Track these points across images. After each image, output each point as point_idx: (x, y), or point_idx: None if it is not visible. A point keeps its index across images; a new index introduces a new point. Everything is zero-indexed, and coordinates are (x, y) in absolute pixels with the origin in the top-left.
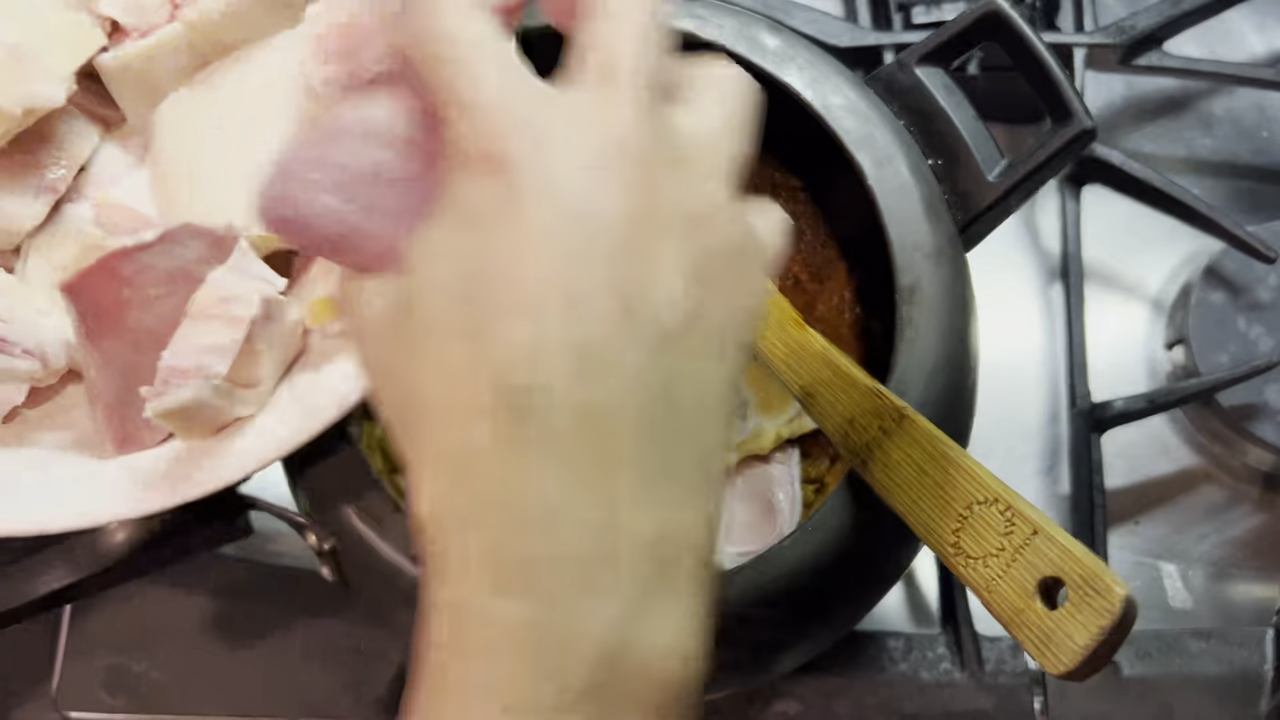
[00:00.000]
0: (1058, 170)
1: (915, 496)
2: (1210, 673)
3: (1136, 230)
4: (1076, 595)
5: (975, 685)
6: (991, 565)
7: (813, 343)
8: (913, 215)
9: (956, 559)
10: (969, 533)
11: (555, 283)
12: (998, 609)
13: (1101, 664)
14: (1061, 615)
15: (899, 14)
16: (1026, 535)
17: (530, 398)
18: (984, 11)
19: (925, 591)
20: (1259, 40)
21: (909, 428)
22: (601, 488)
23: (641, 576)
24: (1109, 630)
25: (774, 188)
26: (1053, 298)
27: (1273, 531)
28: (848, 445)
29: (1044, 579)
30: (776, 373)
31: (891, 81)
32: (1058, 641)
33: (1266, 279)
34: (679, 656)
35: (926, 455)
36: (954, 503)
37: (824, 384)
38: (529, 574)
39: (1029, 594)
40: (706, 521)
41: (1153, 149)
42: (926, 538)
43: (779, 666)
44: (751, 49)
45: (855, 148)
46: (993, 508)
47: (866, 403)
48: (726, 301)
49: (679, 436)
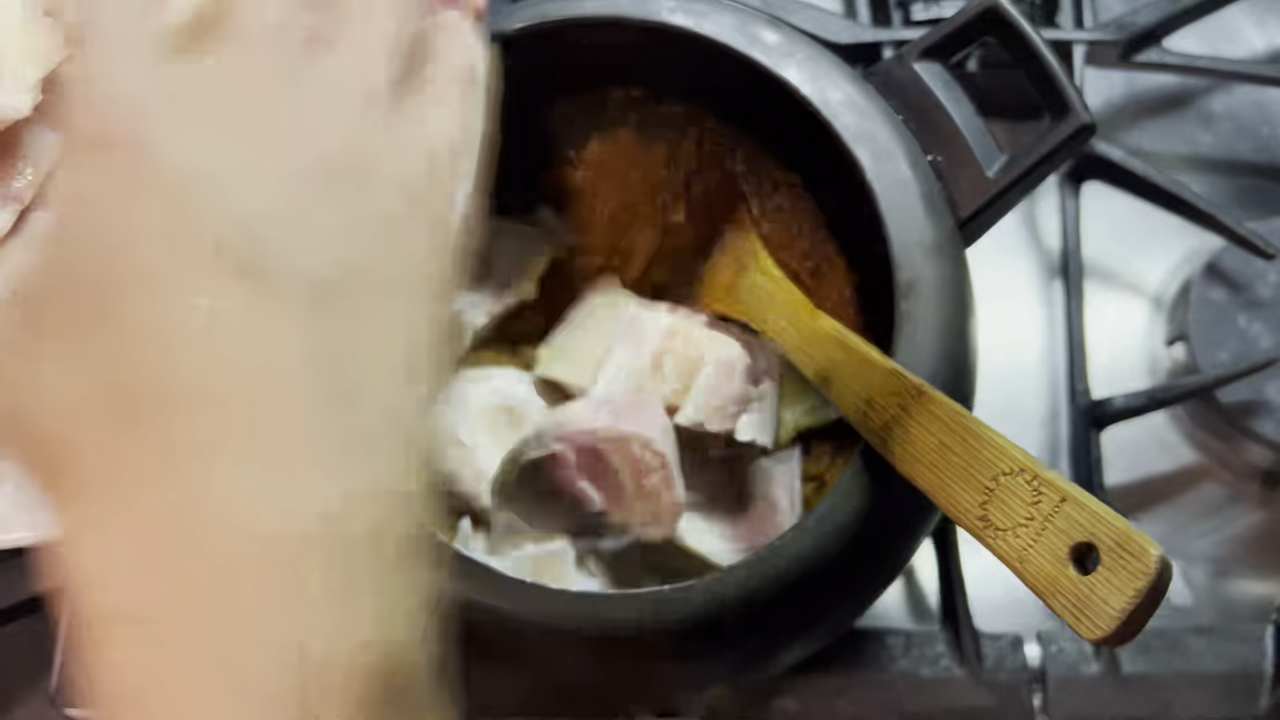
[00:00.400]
0: (1057, 166)
1: (939, 472)
2: (1210, 669)
3: (1137, 227)
4: (1110, 559)
5: (975, 682)
6: (1021, 535)
7: (826, 326)
8: (912, 211)
9: (986, 532)
10: (996, 505)
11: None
12: (1031, 579)
13: (1138, 627)
14: (1096, 580)
15: (898, 10)
16: (1055, 503)
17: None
18: (983, 7)
19: (925, 588)
20: (1259, 36)
21: (928, 404)
22: (258, 477)
23: (314, 571)
24: (1145, 591)
25: (774, 184)
26: (1053, 294)
27: (1273, 529)
28: (868, 426)
29: (1076, 545)
30: (792, 359)
31: (890, 77)
32: (1094, 607)
33: (1267, 276)
34: (378, 649)
35: (948, 430)
36: (979, 475)
37: (840, 366)
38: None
39: (1062, 561)
40: (398, 494)
41: (1153, 146)
42: (953, 512)
43: (778, 663)
44: (751, 45)
45: (854, 143)
46: (1019, 478)
47: (884, 382)
48: (391, 246)
49: (349, 405)
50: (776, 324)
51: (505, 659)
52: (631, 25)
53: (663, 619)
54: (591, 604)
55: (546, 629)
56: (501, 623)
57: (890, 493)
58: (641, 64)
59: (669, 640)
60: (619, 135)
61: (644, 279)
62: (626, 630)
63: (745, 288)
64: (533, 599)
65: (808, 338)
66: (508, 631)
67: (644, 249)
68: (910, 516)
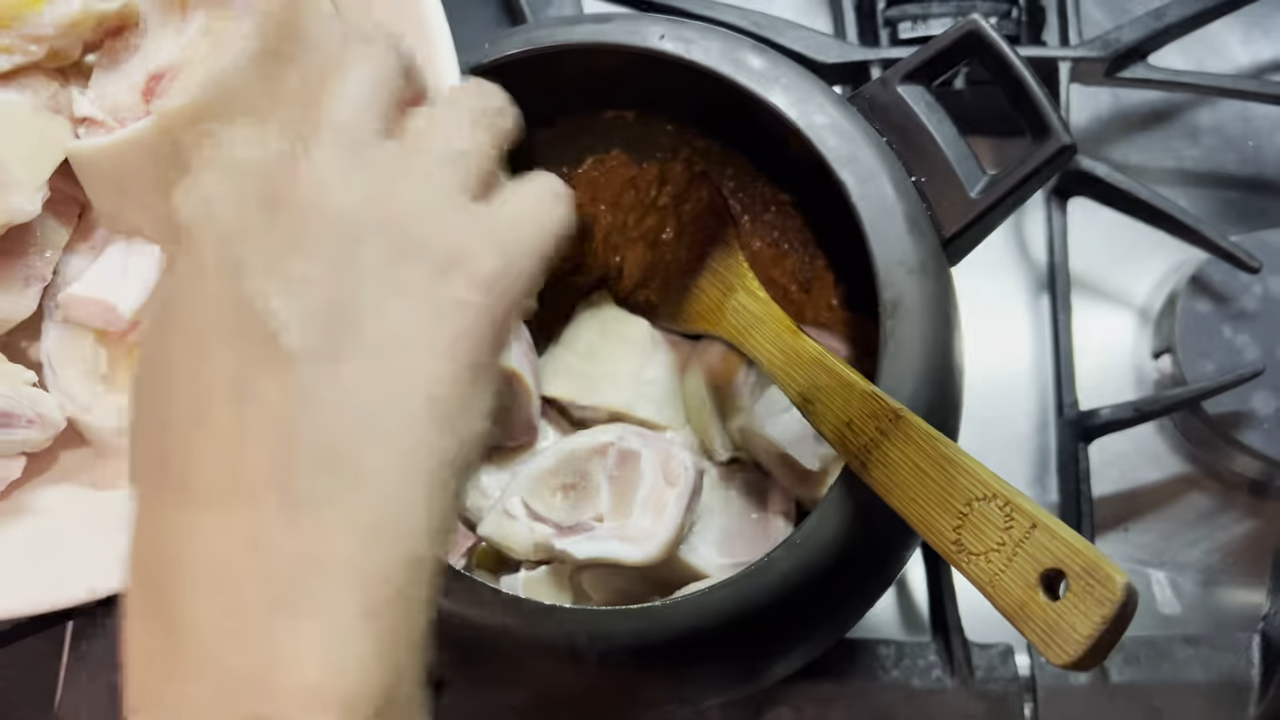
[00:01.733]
0: (1039, 186)
1: (915, 495)
2: (1198, 678)
3: (1123, 241)
4: (1078, 585)
5: (966, 692)
6: (993, 560)
7: (808, 348)
8: (896, 231)
9: (959, 555)
10: (970, 529)
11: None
12: (1002, 603)
13: (1104, 653)
14: (1064, 606)
15: (886, 30)
16: (1026, 529)
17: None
18: (965, 31)
19: (916, 599)
20: (1244, 51)
21: (905, 428)
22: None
23: (271, 598)
24: (1112, 618)
25: (764, 202)
26: (1040, 308)
27: (1260, 538)
28: (846, 448)
29: (1045, 571)
30: (774, 380)
31: (875, 100)
32: (1062, 632)
33: (1251, 288)
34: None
35: (924, 455)
36: (954, 500)
37: (821, 389)
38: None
39: (1031, 587)
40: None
41: (1139, 160)
42: (928, 535)
43: (771, 675)
44: (737, 70)
45: (839, 166)
46: (992, 504)
47: (863, 405)
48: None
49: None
50: (760, 345)
51: (498, 675)
52: (623, 52)
53: (655, 634)
54: (584, 619)
55: (539, 645)
56: (494, 639)
57: (880, 506)
58: (634, 87)
59: (661, 655)
60: (612, 156)
61: (635, 297)
62: (620, 645)
63: (731, 308)
64: (525, 615)
65: (790, 359)
66: (500, 647)
67: (634, 264)
68: (900, 530)
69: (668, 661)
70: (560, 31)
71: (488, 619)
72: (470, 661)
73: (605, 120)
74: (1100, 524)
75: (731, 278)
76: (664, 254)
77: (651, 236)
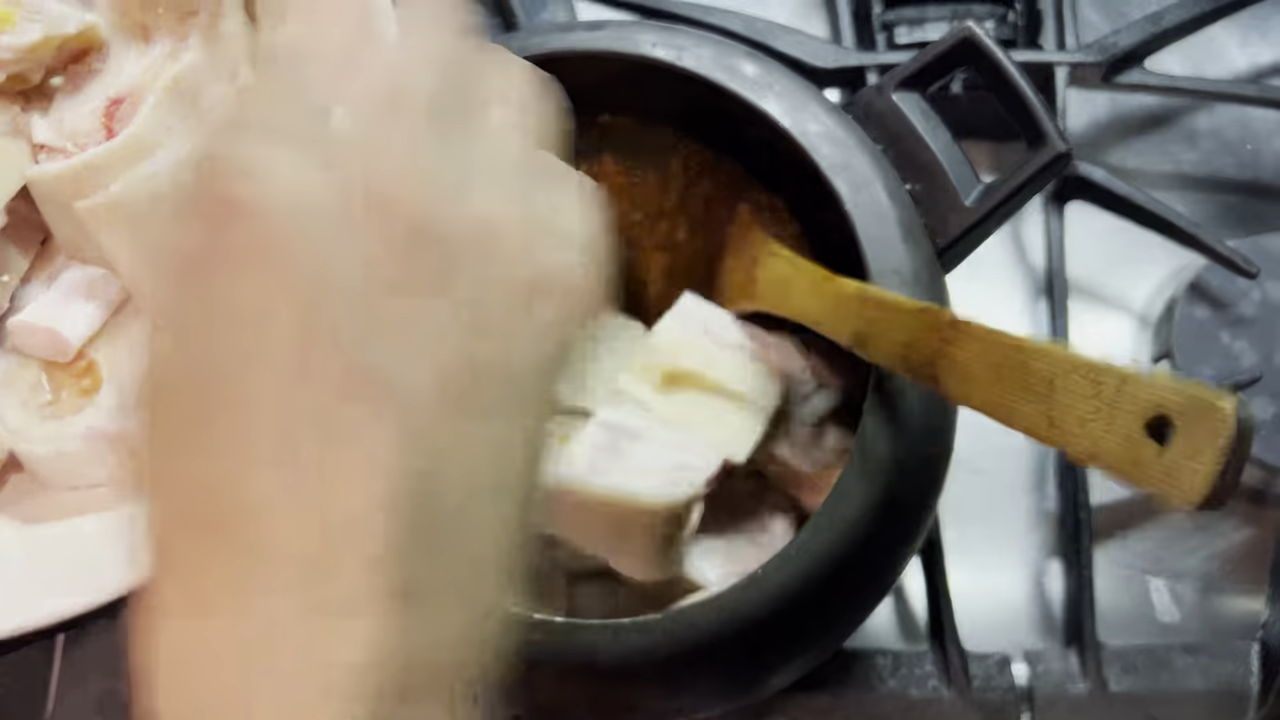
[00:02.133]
0: (1034, 193)
1: (995, 391)
2: (1197, 687)
3: (1120, 246)
4: (1184, 423)
5: (963, 702)
6: (1091, 429)
7: (848, 288)
8: (890, 240)
9: (1057, 436)
10: (1059, 407)
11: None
12: (1114, 466)
13: (1232, 486)
14: (1177, 448)
15: (882, 34)
16: (1115, 386)
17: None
18: (959, 38)
19: (913, 608)
20: (1242, 55)
21: (966, 330)
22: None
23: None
24: (1228, 445)
25: (759, 208)
26: (1038, 314)
27: (1259, 545)
28: (912, 368)
29: (1149, 421)
30: (823, 331)
31: (869, 107)
32: (1182, 474)
33: (1250, 294)
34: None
35: (993, 350)
36: (1035, 384)
37: (871, 322)
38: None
39: (1138, 441)
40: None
41: (1137, 165)
42: (1020, 427)
43: (768, 687)
44: (730, 77)
45: (833, 174)
46: (1073, 375)
47: (918, 322)
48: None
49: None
50: (800, 302)
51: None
52: (615, 59)
53: (651, 647)
54: (580, 632)
55: (534, 659)
56: None
57: (876, 515)
58: (626, 93)
59: (658, 668)
60: (604, 161)
61: (664, 304)
62: (615, 659)
63: (762, 279)
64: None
65: (833, 304)
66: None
67: (657, 273)
68: (896, 538)
69: (664, 675)
70: (552, 39)
71: None
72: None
73: (598, 126)
74: (1099, 532)
75: (754, 249)
76: (684, 254)
77: (668, 242)
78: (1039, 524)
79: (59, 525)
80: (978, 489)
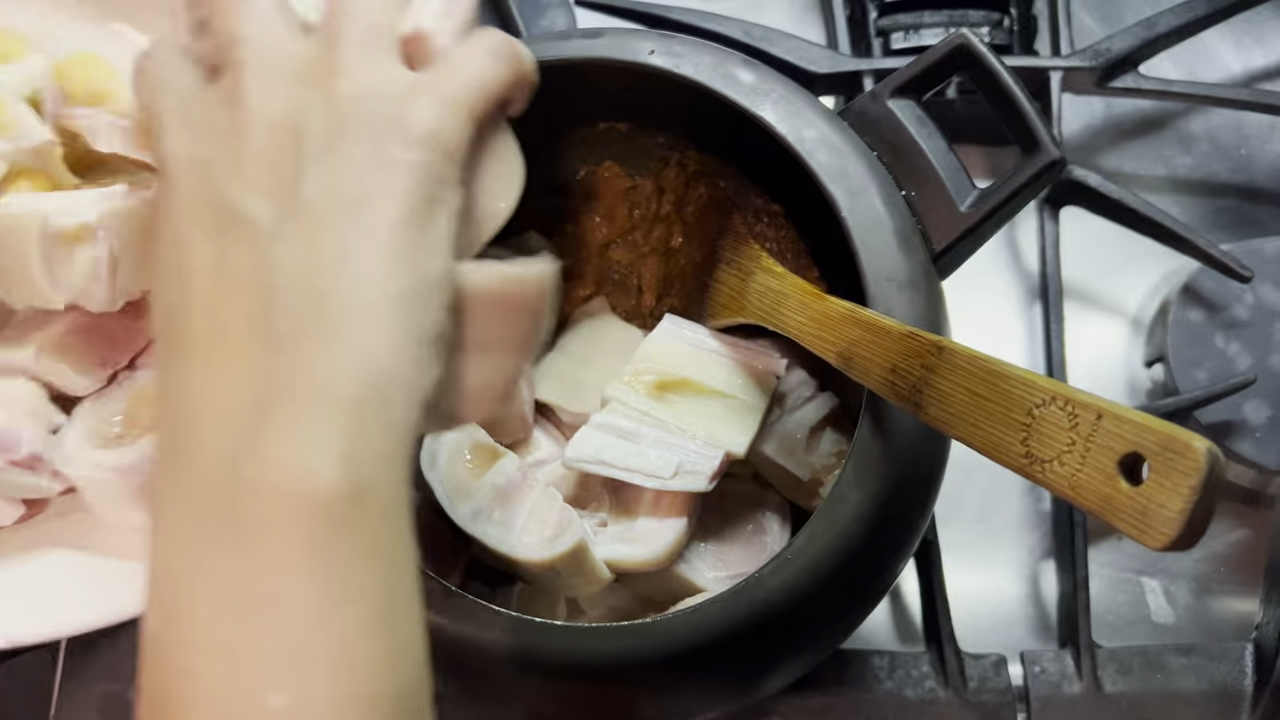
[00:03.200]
0: (1029, 200)
1: (975, 420)
2: (1191, 688)
3: (1115, 250)
4: (1158, 463)
5: (959, 703)
6: (1067, 462)
7: (835, 308)
8: (886, 246)
9: (1033, 467)
10: (1036, 437)
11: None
12: (1086, 502)
13: (1202, 527)
14: (1150, 488)
15: (878, 40)
16: (1092, 422)
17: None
18: (954, 45)
19: (909, 610)
20: (1235, 59)
21: (950, 357)
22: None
23: (251, 410)
24: (1200, 487)
25: (756, 213)
26: (1033, 317)
27: (1253, 547)
28: (896, 393)
29: (1122, 458)
30: (810, 347)
31: (865, 114)
32: (1153, 514)
33: (1243, 297)
34: (306, 473)
35: (974, 377)
36: (1014, 413)
37: (857, 343)
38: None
39: (1112, 477)
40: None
41: (1132, 169)
42: (998, 457)
43: (766, 688)
44: (727, 85)
45: (829, 180)
46: (1051, 406)
47: (903, 347)
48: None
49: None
50: (789, 318)
51: (492, 691)
52: (614, 66)
53: (650, 650)
54: (578, 636)
55: (533, 661)
56: (488, 655)
57: (872, 519)
58: (625, 100)
59: (656, 671)
60: (604, 167)
61: (659, 309)
62: (614, 661)
63: (753, 292)
64: (520, 631)
65: (821, 323)
66: (495, 663)
67: (651, 278)
68: (892, 541)
69: (662, 677)
70: (552, 47)
71: (482, 635)
72: (464, 677)
73: (597, 132)
74: (1094, 533)
75: (746, 262)
76: (678, 260)
77: (662, 247)
78: (1034, 525)
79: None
80: (973, 490)
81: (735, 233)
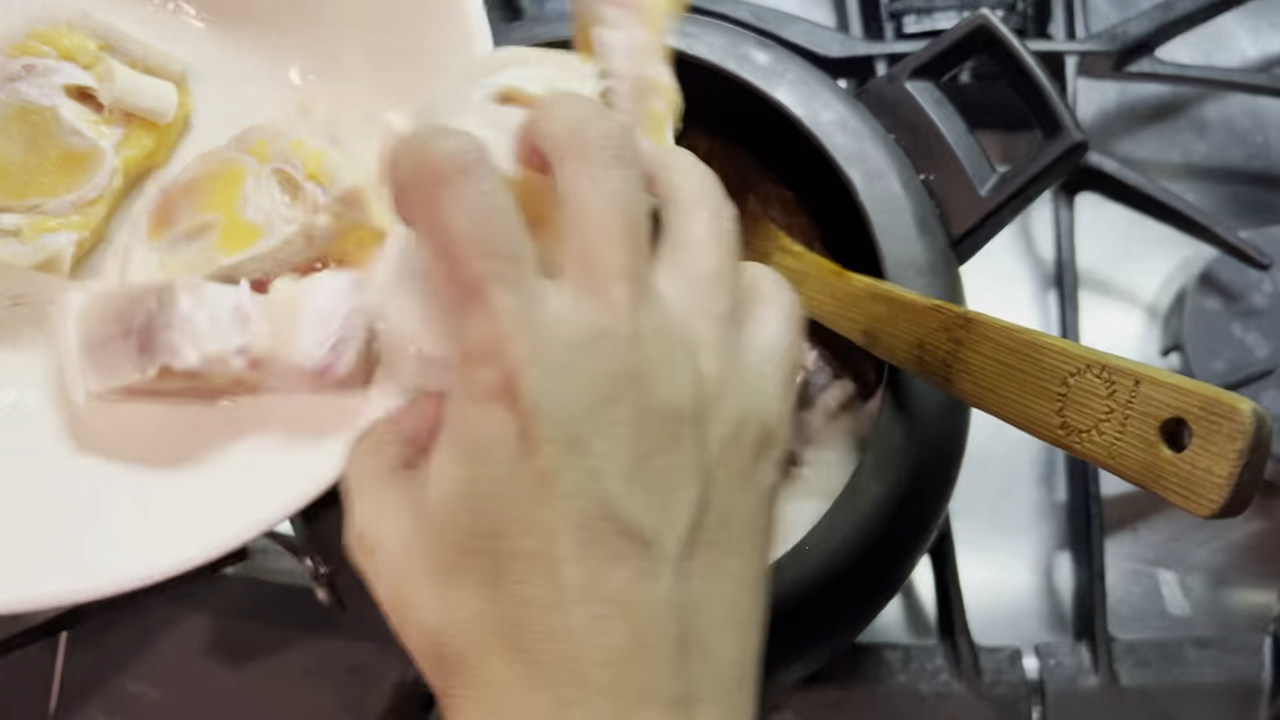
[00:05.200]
0: (1050, 184)
1: (1008, 392)
2: (1209, 681)
3: (1131, 237)
4: (1201, 427)
5: (974, 696)
6: (1106, 431)
7: (858, 284)
8: (904, 231)
9: (1069, 438)
10: (1073, 407)
11: (564, 528)
12: (1127, 471)
13: (1249, 493)
14: (1194, 453)
15: (890, 24)
16: (1131, 388)
17: (548, 646)
18: (974, 26)
19: (923, 603)
20: (1252, 44)
21: (979, 329)
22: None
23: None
24: (1247, 451)
25: (769, 198)
26: (1048, 305)
27: (1270, 538)
28: (925, 368)
29: (1164, 424)
30: (834, 327)
31: (882, 96)
32: (1199, 481)
33: (1261, 285)
34: None
35: (1005, 349)
36: (1048, 384)
37: (882, 319)
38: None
39: (1153, 445)
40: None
41: (1147, 155)
42: (1033, 429)
43: (778, 682)
44: (741, 65)
45: (846, 164)
46: (1087, 374)
47: (930, 321)
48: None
49: (705, 657)
50: (811, 297)
51: None
52: None
53: None
54: None
55: None
56: None
57: (889, 510)
58: None
59: None
60: None
61: None
62: None
63: None
64: None
65: (844, 301)
66: None
67: None
68: (909, 533)
69: None
70: (560, 27)
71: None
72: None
73: None
74: (1109, 525)
75: (763, 243)
76: None
77: None
78: (1049, 517)
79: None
80: (987, 481)
81: (750, 214)
